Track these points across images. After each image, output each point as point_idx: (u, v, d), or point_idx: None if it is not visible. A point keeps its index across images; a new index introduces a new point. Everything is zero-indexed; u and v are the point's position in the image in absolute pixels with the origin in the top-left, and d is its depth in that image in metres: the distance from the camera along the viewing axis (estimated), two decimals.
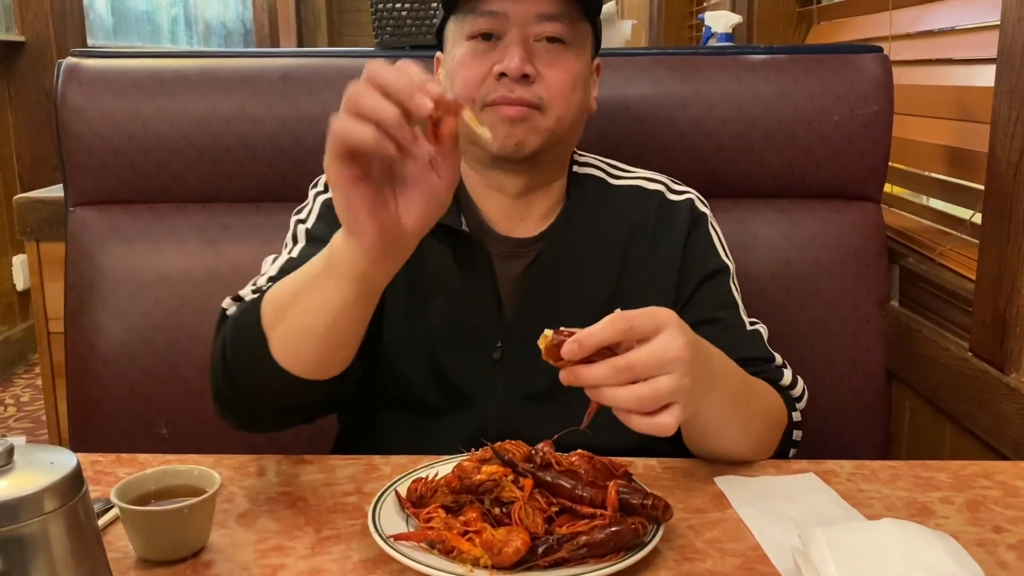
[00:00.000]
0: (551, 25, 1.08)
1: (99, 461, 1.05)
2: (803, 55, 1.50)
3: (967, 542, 0.84)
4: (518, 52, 1.06)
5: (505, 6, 1.07)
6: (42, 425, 3.18)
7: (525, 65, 1.06)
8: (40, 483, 0.64)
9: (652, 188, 1.21)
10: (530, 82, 1.07)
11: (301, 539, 0.88)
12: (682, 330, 0.85)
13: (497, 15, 1.07)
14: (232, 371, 0.99)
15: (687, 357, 0.83)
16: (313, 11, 8.37)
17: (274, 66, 1.48)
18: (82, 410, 1.45)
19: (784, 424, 1.10)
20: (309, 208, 1.18)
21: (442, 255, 1.14)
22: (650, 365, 0.82)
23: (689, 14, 3.95)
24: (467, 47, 1.09)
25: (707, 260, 1.18)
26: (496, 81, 1.07)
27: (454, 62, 1.11)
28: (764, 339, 1.16)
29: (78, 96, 1.44)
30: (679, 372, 0.82)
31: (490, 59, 1.08)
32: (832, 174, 1.46)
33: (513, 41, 1.07)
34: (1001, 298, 1.24)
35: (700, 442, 1.04)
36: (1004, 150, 1.23)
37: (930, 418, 1.45)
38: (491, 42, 1.08)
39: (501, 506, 0.85)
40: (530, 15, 1.07)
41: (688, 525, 0.90)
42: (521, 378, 1.11)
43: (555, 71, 1.08)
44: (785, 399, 1.11)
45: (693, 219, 1.19)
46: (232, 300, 1.08)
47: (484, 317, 1.14)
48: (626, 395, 0.82)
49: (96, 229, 1.45)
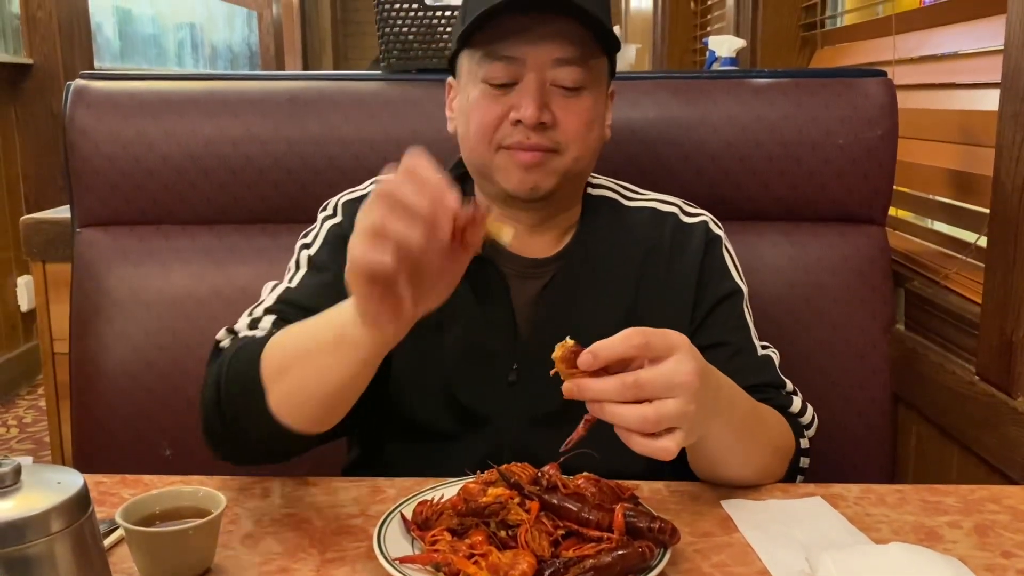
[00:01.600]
0: (568, 71, 1.05)
1: (103, 482, 1.05)
2: (807, 79, 1.50)
3: (976, 567, 0.84)
4: (534, 102, 1.04)
5: (523, 51, 1.05)
6: (45, 446, 3.17)
7: (542, 114, 1.04)
8: (47, 503, 0.64)
9: (666, 210, 1.21)
10: (546, 128, 1.06)
11: (306, 561, 0.87)
12: (693, 356, 0.85)
13: (514, 60, 1.05)
14: (226, 412, 0.98)
15: (695, 383, 0.83)
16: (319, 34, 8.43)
17: (281, 89, 1.49)
18: (86, 431, 1.45)
19: (791, 452, 1.09)
20: (316, 232, 1.17)
21: None
22: (658, 386, 0.82)
23: (693, 39, 3.97)
24: (482, 89, 1.08)
25: (721, 283, 1.18)
26: (512, 126, 1.06)
27: (469, 103, 1.09)
28: (775, 365, 1.16)
29: (86, 118, 1.45)
30: (686, 397, 0.82)
31: (506, 103, 1.06)
32: (837, 197, 1.47)
33: (529, 88, 1.05)
34: (1008, 321, 1.24)
35: (705, 467, 1.03)
36: (1009, 174, 1.24)
37: (937, 442, 1.45)
38: (507, 86, 1.07)
39: (507, 529, 0.85)
40: (547, 60, 1.05)
41: (695, 549, 0.89)
42: (537, 400, 1.10)
43: (572, 115, 1.07)
44: (793, 426, 1.11)
45: (708, 241, 1.19)
46: (227, 332, 1.07)
47: (499, 340, 1.13)
48: (630, 413, 0.82)
49: (102, 250, 1.46)
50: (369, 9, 7.50)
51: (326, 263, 1.13)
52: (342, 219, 1.16)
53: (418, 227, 0.75)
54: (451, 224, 0.76)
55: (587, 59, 1.07)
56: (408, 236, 0.74)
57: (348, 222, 1.14)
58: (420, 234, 0.74)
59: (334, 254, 1.13)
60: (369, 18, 7.73)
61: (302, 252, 1.16)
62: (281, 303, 1.10)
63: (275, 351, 0.95)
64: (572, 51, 1.05)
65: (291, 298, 1.11)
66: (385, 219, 0.75)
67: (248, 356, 0.96)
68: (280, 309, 1.09)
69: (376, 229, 0.75)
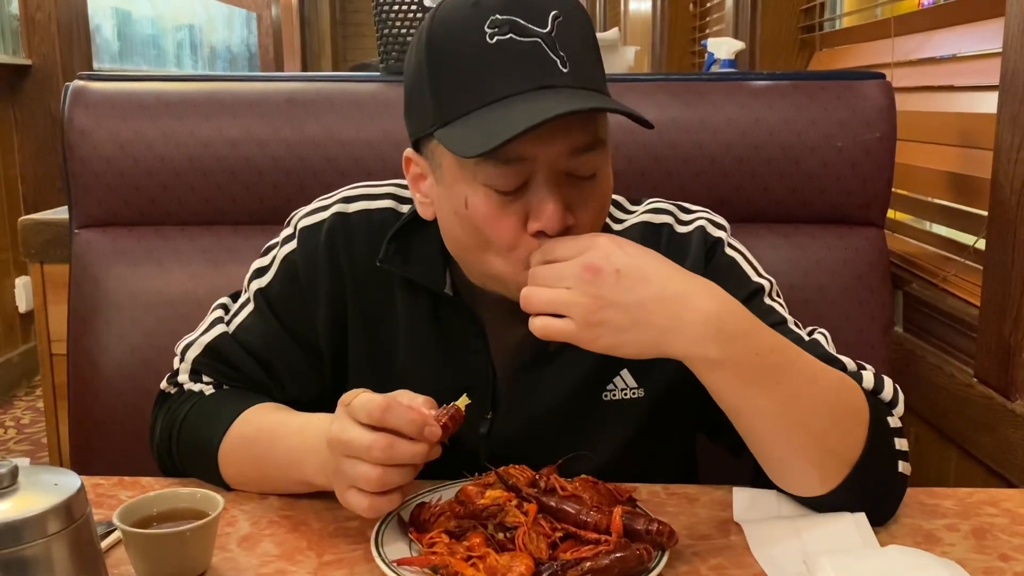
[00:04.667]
0: (585, 159, 0.90)
1: (101, 484, 1.04)
2: (806, 81, 1.50)
3: (973, 570, 0.84)
4: (556, 207, 0.88)
5: (533, 150, 0.87)
6: (42, 448, 3.17)
7: (567, 218, 0.90)
8: (44, 504, 0.64)
9: (659, 222, 1.07)
10: (570, 230, 0.91)
11: (303, 563, 0.87)
12: (604, 255, 0.85)
13: (524, 160, 0.88)
14: (178, 465, 1.06)
15: (589, 278, 0.84)
16: (318, 36, 8.43)
17: (280, 90, 1.49)
18: (84, 432, 1.45)
19: (865, 421, 0.91)
20: (272, 258, 1.09)
21: (421, 317, 1.03)
22: (549, 276, 0.86)
23: (692, 41, 3.98)
24: (484, 194, 0.90)
25: (734, 291, 0.93)
26: (532, 237, 0.91)
27: (469, 209, 0.91)
28: (826, 345, 1.02)
29: (85, 119, 1.45)
30: (579, 289, 0.84)
31: (519, 210, 0.90)
32: (835, 200, 1.47)
33: (546, 192, 0.89)
34: (1006, 324, 1.24)
35: (759, 453, 0.92)
36: (1007, 176, 1.24)
37: (935, 444, 1.45)
38: (517, 190, 0.90)
39: (505, 531, 0.84)
40: (562, 153, 0.89)
41: (693, 551, 0.89)
42: (512, 445, 1.01)
43: (592, 204, 0.93)
44: (872, 405, 0.93)
45: (708, 248, 1.05)
46: (168, 382, 1.10)
47: (473, 390, 0.94)
48: (530, 294, 0.87)
49: (101, 251, 1.46)
50: (368, 11, 7.49)
51: (274, 303, 1.07)
52: (296, 246, 1.07)
53: (415, 470, 0.86)
54: (436, 440, 0.85)
55: (603, 137, 0.92)
56: (405, 479, 0.85)
57: (302, 252, 1.06)
58: (421, 459, 0.85)
59: (284, 292, 1.07)
60: (368, 19, 7.73)
61: (254, 281, 1.09)
62: (211, 357, 1.07)
63: (233, 458, 1.01)
64: (587, 137, 0.89)
65: (224, 351, 1.07)
66: (386, 475, 0.84)
67: (206, 434, 1.02)
68: (211, 368, 1.08)
69: (379, 484, 0.84)
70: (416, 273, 1.02)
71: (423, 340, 1.04)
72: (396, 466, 0.84)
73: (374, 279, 1.04)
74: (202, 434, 1.02)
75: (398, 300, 1.04)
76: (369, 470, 0.83)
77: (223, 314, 1.11)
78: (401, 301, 1.04)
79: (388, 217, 1.05)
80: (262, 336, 1.07)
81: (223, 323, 1.10)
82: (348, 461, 0.84)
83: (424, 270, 1.02)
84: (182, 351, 1.10)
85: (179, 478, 1.07)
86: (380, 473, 0.83)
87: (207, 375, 1.08)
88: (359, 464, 0.83)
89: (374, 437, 0.82)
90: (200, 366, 1.08)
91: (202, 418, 1.04)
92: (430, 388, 0.91)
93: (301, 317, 1.07)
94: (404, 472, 0.85)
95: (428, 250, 1.02)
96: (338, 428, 0.85)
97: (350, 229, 1.05)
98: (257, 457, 0.99)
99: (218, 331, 1.09)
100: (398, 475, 0.84)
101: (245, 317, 1.09)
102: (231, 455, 1.00)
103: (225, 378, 1.08)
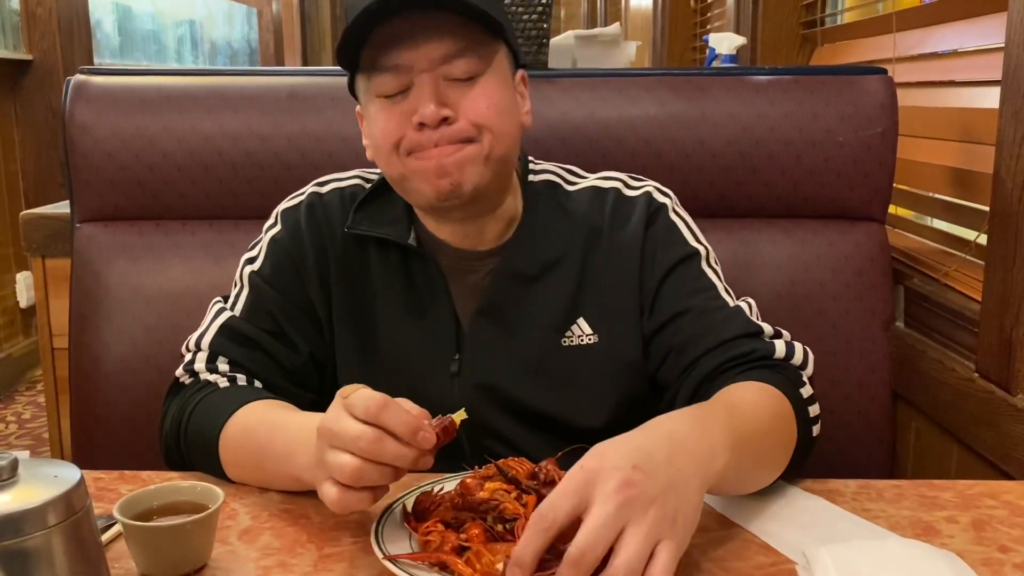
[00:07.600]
0: (459, 64, 1.03)
1: (102, 478, 1.05)
2: (807, 76, 1.50)
3: (973, 561, 0.84)
4: (430, 98, 1.01)
5: (407, 57, 1.02)
6: (43, 442, 3.17)
7: (441, 110, 1.02)
8: (44, 496, 0.64)
9: (607, 186, 1.17)
10: (451, 121, 1.02)
11: (303, 556, 0.87)
12: (615, 463, 0.74)
13: (401, 68, 1.02)
14: (184, 455, 1.08)
15: (634, 492, 0.71)
16: (318, 31, 8.42)
17: (281, 85, 1.49)
18: (85, 427, 1.45)
19: (794, 421, 0.99)
20: (260, 245, 1.18)
21: (392, 272, 1.14)
22: (602, 535, 0.70)
23: (693, 36, 3.97)
24: (378, 104, 1.05)
25: (670, 250, 1.12)
26: (417, 131, 1.03)
27: (371, 121, 1.07)
28: (748, 313, 1.09)
29: (86, 113, 1.45)
30: (637, 512, 0.71)
31: (404, 110, 1.03)
32: (837, 195, 1.46)
33: (422, 88, 1.02)
34: (1007, 319, 1.24)
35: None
36: (1009, 171, 1.24)
37: (936, 439, 1.45)
38: (401, 94, 1.04)
39: (504, 523, 0.84)
40: (435, 59, 1.02)
41: (693, 543, 0.88)
42: (481, 385, 1.12)
43: (474, 100, 1.03)
44: (786, 376, 1.03)
45: (651, 212, 1.14)
46: (185, 370, 1.13)
47: (440, 333, 1.13)
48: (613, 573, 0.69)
49: (102, 245, 1.46)
50: None
51: (269, 280, 1.15)
52: (280, 228, 1.17)
53: (395, 474, 0.84)
54: (429, 446, 0.83)
55: (477, 48, 1.03)
56: (404, 458, 0.83)
57: (286, 230, 1.16)
58: (410, 459, 0.83)
59: (276, 269, 1.15)
60: None
61: (246, 267, 1.17)
62: (226, 336, 1.12)
63: (232, 445, 1.02)
64: (458, 44, 1.02)
65: (237, 329, 1.13)
66: (364, 469, 0.82)
67: (210, 424, 1.04)
68: (228, 347, 1.12)
69: (354, 476, 0.82)
70: (383, 231, 1.13)
71: (395, 293, 1.14)
72: (377, 464, 0.82)
73: (352, 244, 1.15)
74: (207, 423, 1.04)
75: (372, 259, 1.15)
76: (349, 460, 0.81)
77: (224, 304, 1.17)
78: (374, 260, 1.15)
79: (358, 191, 1.18)
80: (265, 307, 1.14)
81: (227, 310, 1.15)
82: (332, 451, 0.83)
83: (390, 229, 1.14)
84: (195, 343, 1.13)
85: (182, 471, 1.07)
86: (358, 465, 0.81)
87: (224, 355, 1.11)
88: (341, 455, 0.82)
89: (364, 428, 0.81)
90: (217, 347, 1.12)
91: (209, 407, 1.06)
92: (404, 335, 1.11)
93: (295, 287, 1.15)
94: (383, 472, 0.82)
95: (393, 211, 1.15)
96: (331, 417, 0.84)
97: (326, 204, 1.17)
98: (254, 447, 0.99)
99: (225, 316, 1.14)
100: (376, 473, 0.82)
101: (245, 298, 1.15)
102: (231, 443, 1.01)
103: (241, 354, 1.11)
